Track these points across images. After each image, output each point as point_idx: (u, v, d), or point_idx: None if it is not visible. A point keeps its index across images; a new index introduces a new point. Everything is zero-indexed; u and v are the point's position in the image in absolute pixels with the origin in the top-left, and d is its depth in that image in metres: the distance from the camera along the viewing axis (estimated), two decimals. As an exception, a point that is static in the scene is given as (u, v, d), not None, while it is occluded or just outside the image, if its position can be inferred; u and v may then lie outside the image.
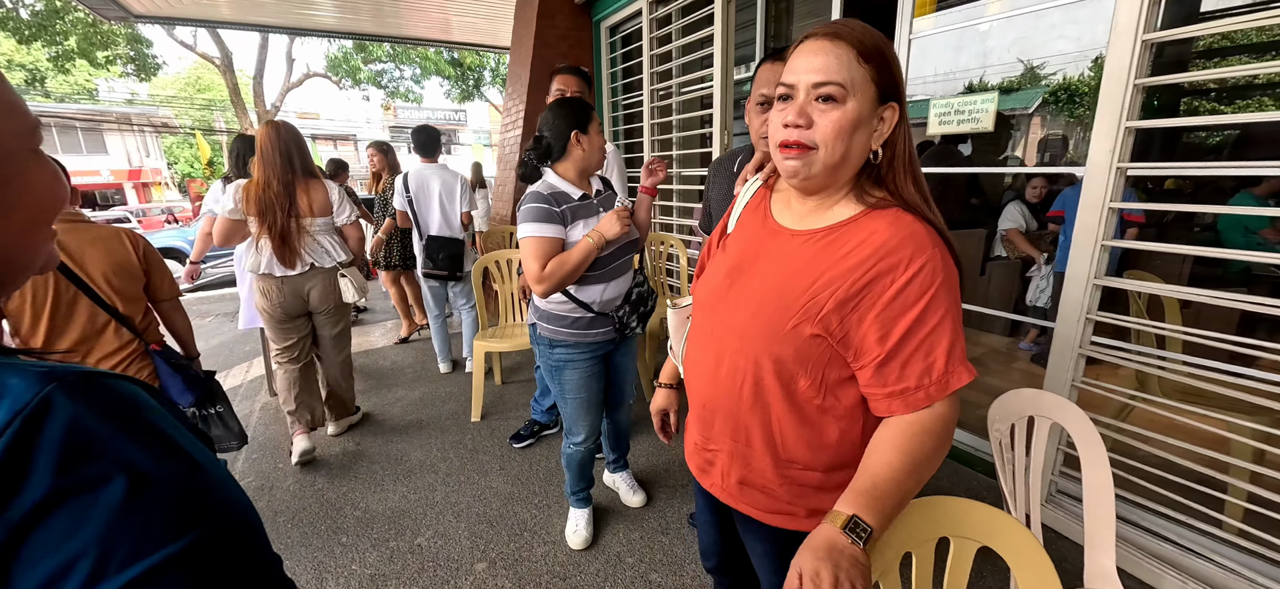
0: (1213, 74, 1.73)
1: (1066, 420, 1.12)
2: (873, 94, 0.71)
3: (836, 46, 0.70)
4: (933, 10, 2.46)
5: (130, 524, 0.31)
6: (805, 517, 0.85)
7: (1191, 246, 1.67)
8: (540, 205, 1.53)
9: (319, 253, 2.34)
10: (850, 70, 0.70)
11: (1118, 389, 1.77)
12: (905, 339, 0.71)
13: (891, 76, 0.72)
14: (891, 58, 0.72)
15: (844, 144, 0.72)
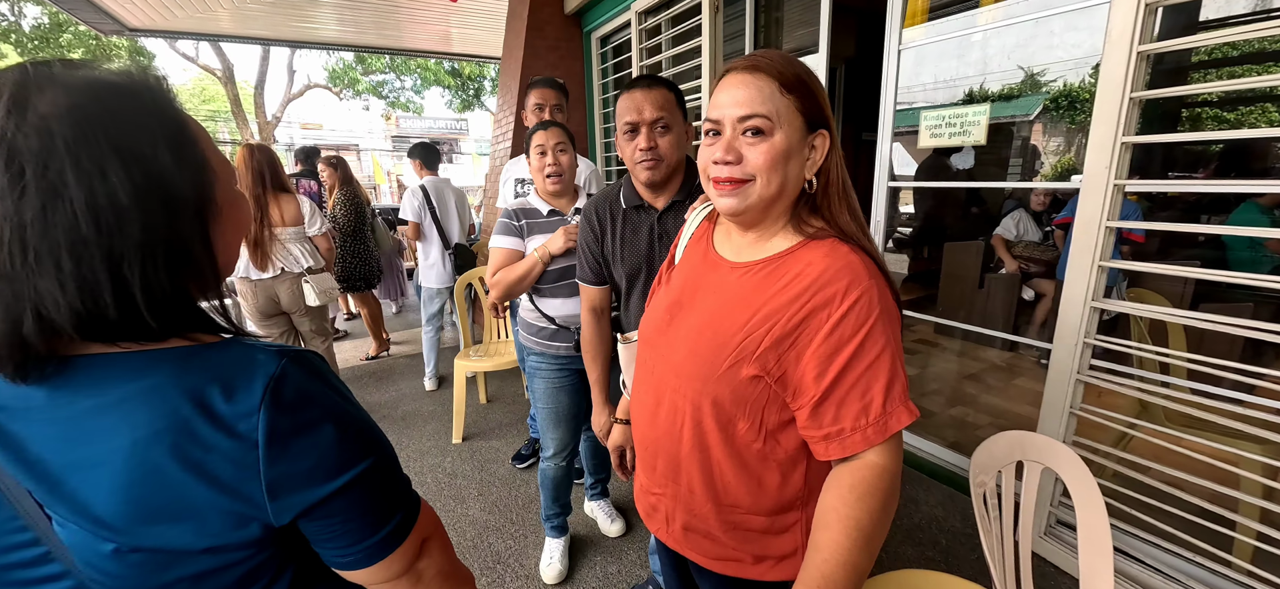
0: (1212, 87, 1.65)
1: (1058, 464, 1.03)
2: (800, 124, 0.70)
3: (757, 79, 0.68)
4: (924, 20, 2.39)
5: (340, 448, 0.50)
6: (752, 563, 0.81)
7: (1193, 268, 1.58)
8: (504, 219, 1.67)
9: (289, 259, 2.61)
10: (774, 102, 0.68)
11: (1118, 417, 1.68)
12: (841, 377, 0.67)
13: (816, 104, 0.71)
14: (814, 86, 0.71)
15: (779, 175, 0.70)
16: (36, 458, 0.44)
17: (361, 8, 6.36)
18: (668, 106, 1.18)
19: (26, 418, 0.44)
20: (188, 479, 0.44)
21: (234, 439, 0.45)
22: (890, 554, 1.96)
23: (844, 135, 6.39)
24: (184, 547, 0.46)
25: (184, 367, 0.46)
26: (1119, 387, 1.64)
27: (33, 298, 0.41)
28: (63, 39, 11.16)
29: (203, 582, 0.48)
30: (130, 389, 0.44)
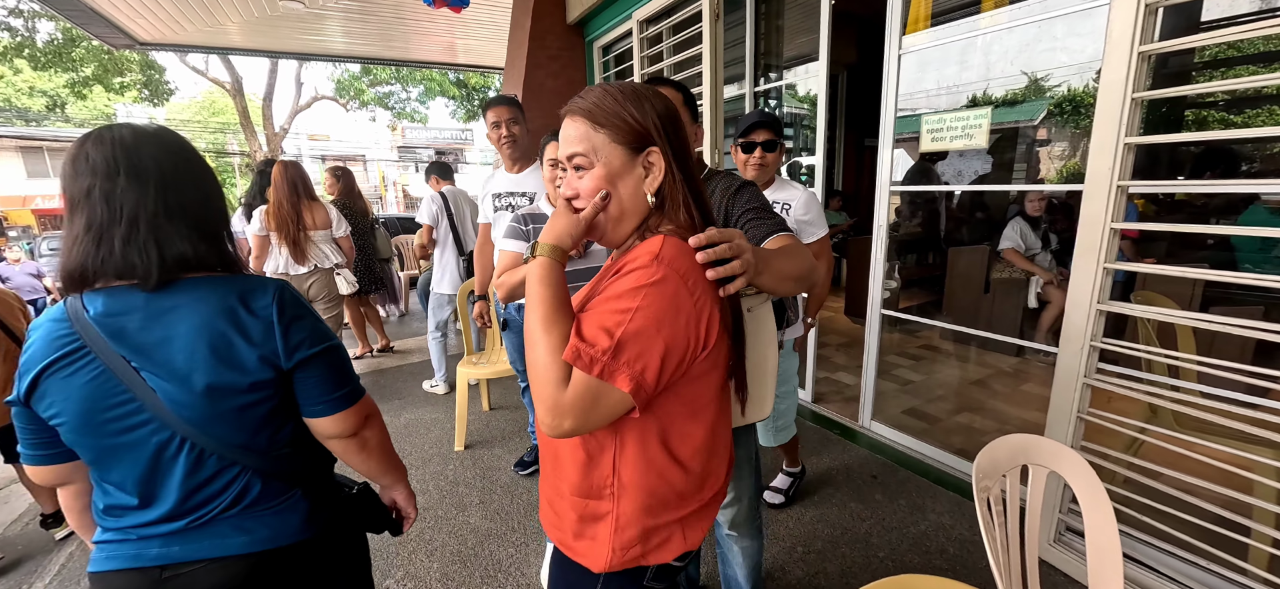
0: (1215, 86, 1.64)
1: (1064, 469, 1.01)
2: (622, 150, 0.76)
3: (572, 121, 0.77)
4: (927, 26, 2.39)
5: (316, 331, 0.85)
6: (572, 539, 0.82)
7: (1198, 269, 1.55)
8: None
9: (321, 256, 3.15)
10: (589, 138, 0.76)
11: (1126, 421, 1.65)
12: (595, 306, 0.71)
13: (636, 128, 0.75)
14: (630, 112, 0.75)
15: (622, 193, 0.78)
16: (137, 340, 0.75)
17: (368, 20, 6.44)
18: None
19: (129, 317, 0.75)
20: (237, 339, 0.78)
21: (259, 319, 0.80)
22: (896, 563, 1.93)
23: (846, 141, 6.39)
24: (233, 384, 0.77)
25: (227, 284, 0.80)
26: (1126, 390, 1.62)
27: (144, 248, 0.74)
28: (76, 53, 11.35)
29: (246, 413, 0.80)
30: (195, 295, 0.77)
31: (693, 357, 0.72)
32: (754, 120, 1.83)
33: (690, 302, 0.70)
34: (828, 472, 2.48)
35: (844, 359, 3.81)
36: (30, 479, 0.87)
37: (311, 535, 0.87)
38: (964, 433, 2.80)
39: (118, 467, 0.77)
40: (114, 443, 0.76)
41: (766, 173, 1.86)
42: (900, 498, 2.27)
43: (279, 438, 0.84)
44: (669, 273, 0.69)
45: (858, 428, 2.75)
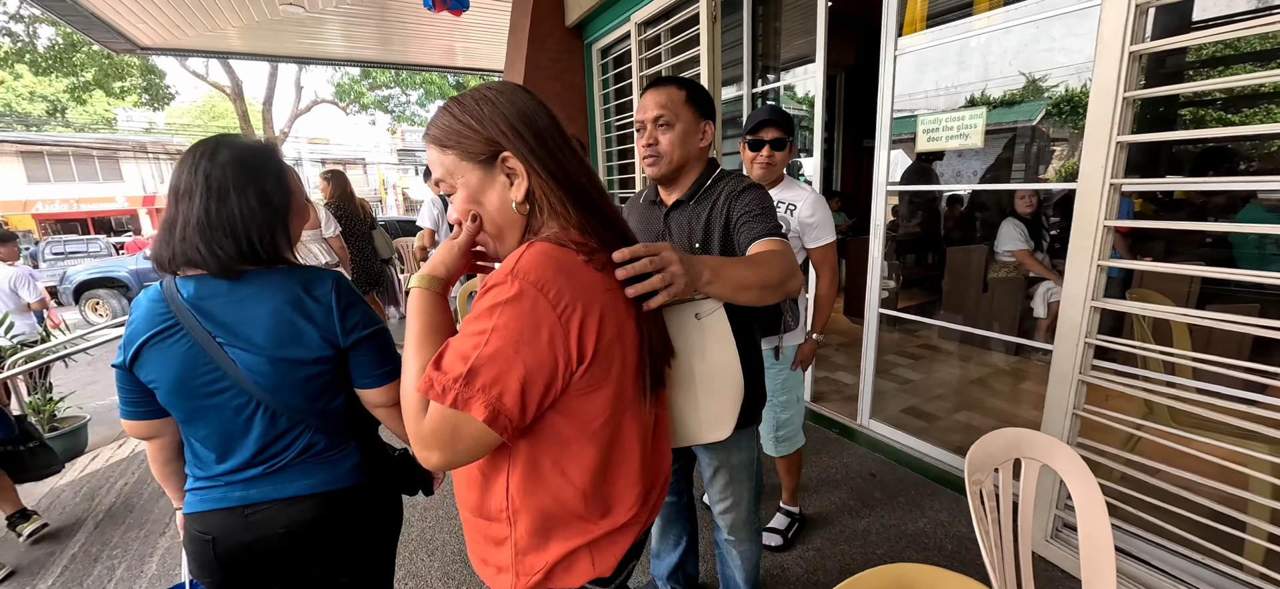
0: (1206, 85, 1.65)
1: (1057, 463, 1.02)
2: (473, 165, 0.73)
3: (433, 150, 0.76)
4: (923, 27, 2.40)
5: (368, 316, 0.99)
6: (480, 564, 0.81)
7: (1193, 266, 1.57)
8: None
9: (310, 255, 3.23)
10: (442, 162, 0.75)
11: (1121, 417, 1.66)
12: (461, 330, 0.67)
13: (480, 138, 0.72)
14: (469, 123, 0.72)
15: (488, 210, 0.75)
16: (222, 319, 0.91)
17: (368, 24, 6.47)
18: (671, 104, 1.19)
19: (214, 300, 0.91)
20: (302, 321, 0.93)
21: (321, 305, 0.95)
22: (894, 560, 1.94)
23: (845, 142, 6.41)
24: (300, 357, 0.93)
25: (290, 275, 0.95)
26: (1121, 387, 1.63)
27: (222, 244, 0.89)
28: (77, 58, 11.39)
29: (310, 383, 0.95)
30: (268, 283, 0.93)
31: (566, 376, 0.66)
32: (762, 117, 1.76)
33: (552, 316, 0.64)
34: (827, 470, 2.50)
35: (843, 358, 3.83)
36: (127, 432, 1.00)
37: (364, 480, 1.03)
38: (962, 431, 2.81)
39: (203, 425, 0.93)
40: (202, 405, 0.91)
41: (773, 171, 1.79)
42: (899, 496, 2.28)
43: (335, 403, 0.99)
44: (525, 287, 0.64)
45: (857, 426, 2.76)
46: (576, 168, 0.74)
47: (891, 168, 2.38)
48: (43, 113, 16.57)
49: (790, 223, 1.78)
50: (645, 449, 0.79)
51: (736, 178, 1.23)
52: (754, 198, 1.16)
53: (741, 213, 1.15)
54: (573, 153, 0.75)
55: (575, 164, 0.74)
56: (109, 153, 19.74)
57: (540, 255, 0.66)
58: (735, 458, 1.33)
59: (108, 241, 13.07)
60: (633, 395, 0.75)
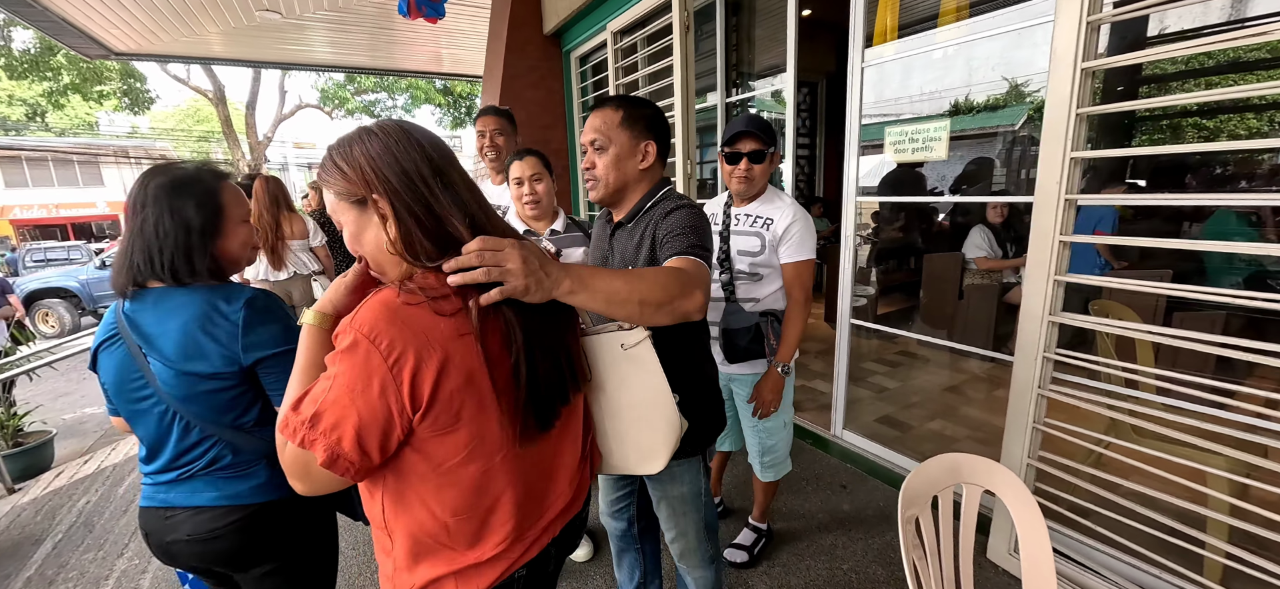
0: (1157, 102, 1.66)
1: (997, 486, 1.01)
2: (350, 206, 0.74)
3: (320, 188, 0.81)
4: (894, 38, 2.41)
5: (278, 337, 1.01)
6: (384, 580, 0.81)
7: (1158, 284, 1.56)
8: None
9: (299, 263, 3.39)
10: (329, 199, 0.76)
11: (1082, 431, 1.66)
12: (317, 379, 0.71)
13: (351, 184, 0.72)
14: (339, 165, 0.73)
15: (364, 251, 0.76)
16: (145, 331, 0.97)
17: (352, 30, 6.41)
18: (605, 127, 1.16)
19: (142, 314, 0.98)
20: (204, 337, 0.96)
21: (228, 322, 0.97)
22: (860, 575, 1.93)
23: (826, 149, 6.44)
24: (201, 371, 0.96)
25: (210, 293, 0.99)
26: (1078, 401, 1.63)
27: (139, 261, 0.97)
28: (54, 62, 11.21)
29: (214, 396, 0.98)
30: (185, 300, 0.98)
31: (403, 423, 0.67)
32: (739, 128, 1.66)
33: (383, 367, 0.65)
34: (797, 482, 2.48)
35: (821, 366, 3.83)
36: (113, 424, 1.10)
37: (273, 499, 1.04)
38: (935, 441, 2.82)
39: (139, 426, 1.02)
40: (134, 408, 1.01)
41: (753, 185, 1.69)
42: (868, 508, 2.27)
43: (245, 419, 1.02)
44: (358, 338, 0.65)
45: (830, 437, 2.75)
46: (450, 209, 0.72)
47: (871, 174, 2.37)
48: (21, 117, 16.29)
49: (765, 238, 1.69)
50: (525, 486, 0.79)
51: (671, 199, 1.19)
52: (679, 218, 1.11)
53: (665, 232, 1.10)
54: (452, 194, 0.73)
55: (450, 206, 0.72)
56: (89, 157, 19.44)
57: (376, 307, 0.67)
58: (674, 490, 1.27)
59: (89, 247, 12.85)
60: (501, 437, 0.74)
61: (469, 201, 0.74)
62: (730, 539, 2.04)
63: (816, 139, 6.30)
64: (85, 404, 5.21)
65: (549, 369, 0.78)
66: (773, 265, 1.70)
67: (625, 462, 0.94)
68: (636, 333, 0.91)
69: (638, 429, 0.92)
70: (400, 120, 0.77)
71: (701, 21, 3.15)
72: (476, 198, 0.76)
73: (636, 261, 1.17)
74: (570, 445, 0.88)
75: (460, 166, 0.77)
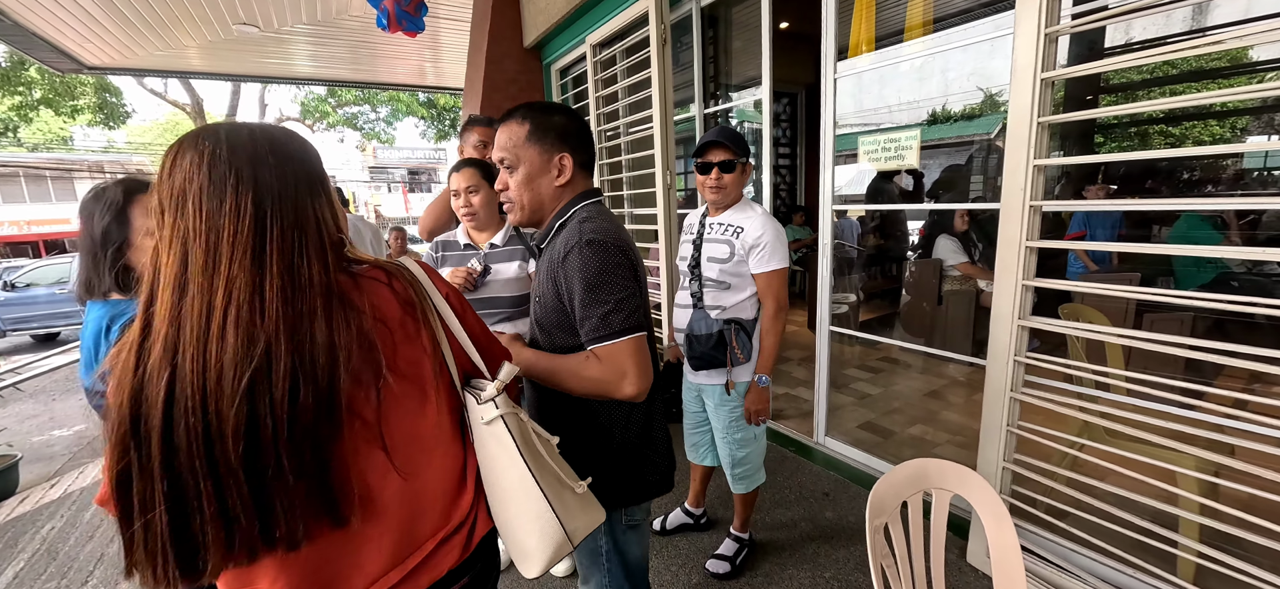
0: (1118, 110, 1.70)
1: (967, 491, 1.02)
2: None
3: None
4: (871, 49, 2.46)
5: None
6: None
7: (1123, 287, 1.60)
8: (428, 249, 1.82)
9: None
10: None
11: (1054, 433, 1.69)
12: None
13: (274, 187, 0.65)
14: (284, 160, 0.66)
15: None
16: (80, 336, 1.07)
17: (333, 43, 6.38)
18: (512, 142, 1.03)
19: (82, 326, 1.07)
20: (93, 349, 1.03)
21: (109, 341, 1.01)
22: (842, 583, 1.92)
23: (807, 158, 6.52)
24: (91, 387, 1.00)
25: (114, 306, 1.05)
26: (1050, 404, 1.66)
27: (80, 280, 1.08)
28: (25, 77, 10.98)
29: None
30: (95, 312, 1.04)
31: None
32: (709, 138, 1.68)
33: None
34: (780, 491, 2.48)
35: (803, 374, 3.84)
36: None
37: None
38: (916, 445, 2.84)
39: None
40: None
41: (726, 194, 1.71)
42: (850, 516, 2.27)
43: None
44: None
45: (813, 444, 2.76)
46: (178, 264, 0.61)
47: (850, 182, 2.40)
48: (-8, 132, 15.90)
49: (735, 246, 1.70)
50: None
51: (575, 226, 1.01)
52: (578, 273, 0.94)
53: (569, 290, 0.97)
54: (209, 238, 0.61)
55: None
56: (63, 173, 19.00)
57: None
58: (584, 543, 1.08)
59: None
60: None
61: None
62: (712, 550, 2.03)
63: (797, 149, 6.39)
64: (53, 426, 5.05)
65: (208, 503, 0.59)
66: (742, 274, 1.71)
67: (507, 545, 0.81)
68: (488, 408, 0.77)
69: (510, 520, 0.79)
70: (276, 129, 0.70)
71: (679, 34, 3.18)
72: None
73: (540, 297, 1.05)
74: (397, 525, 0.72)
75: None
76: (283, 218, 0.64)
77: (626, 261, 0.98)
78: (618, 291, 0.94)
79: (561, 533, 0.78)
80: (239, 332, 0.60)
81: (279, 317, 0.61)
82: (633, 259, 1.01)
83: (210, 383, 0.59)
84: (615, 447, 1.06)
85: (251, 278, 0.61)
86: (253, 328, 0.60)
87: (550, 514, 0.77)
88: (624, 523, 1.10)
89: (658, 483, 1.11)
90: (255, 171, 0.63)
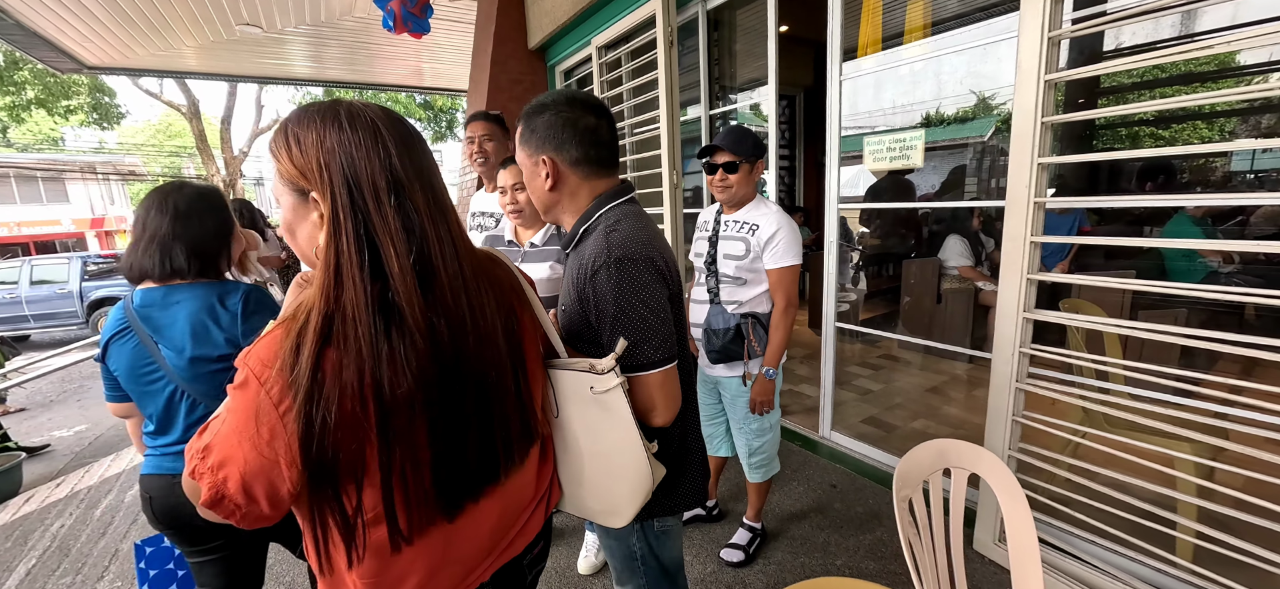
0: (1119, 110, 1.78)
1: (983, 470, 1.07)
2: (288, 189, 0.67)
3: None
4: (878, 50, 2.52)
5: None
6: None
7: (1122, 280, 1.66)
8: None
9: (258, 271, 3.54)
10: (275, 172, 0.68)
11: (1056, 422, 1.75)
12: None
13: (293, 163, 0.63)
14: (286, 156, 0.64)
15: (298, 244, 0.71)
16: (156, 322, 1.13)
17: (332, 44, 6.39)
18: (517, 146, 1.02)
19: (152, 307, 1.14)
20: (211, 325, 1.14)
21: (229, 312, 1.15)
22: (853, 569, 1.98)
23: (806, 159, 6.60)
24: (206, 356, 1.13)
25: (209, 287, 1.17)
26: (1053, 393, 1.72)
27: (156, 257, 1.14)
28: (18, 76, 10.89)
29: (216, 376, 1.14)
30: (191, 293, 1.15)
31: (293, 477, 0.59)
32: (713, 142, 1.77)
33: (273, 412, 0.58)
34: (789, 483, 2.53)
35: (806, 371, 3.90)
36: (110, 412, 1.25)
37: None
38: (919, 438, 2.86)
39: (149, 405, 1.17)
40: (145, 390, 1.15)
41: (732, 193, 1.77)
42: (858, 506, 2.33)
43: None
44: (249, 375, 0.59)
45: (818, 438, 2.81)
46: (394, 233, 0.61)
47: (854, 183, 2.46)
48: (-18, 133, 15.74)
49: (750, 243, 1.75)
50: (439, 556, 0.71)
51: (602, 237, 0.93)
52: (605, 287, 0.89)
53: (600, 312, 0.91)
54: (404, 216, 0.63)
55: (396, 229, 0.62)
56: (54, 174, 18.81)
57: (277, 339, 0.60)
58: (609, 540, 1.10)
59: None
60: (417, 499, 0.66)
61: (424, 228, 0.64)
62: (726, 540, 2.08)
63: (796, 150, 6.46)
64: (52, 427, 5.02)
65: (473, 446, 0.69)
66: (757, 271, 1.76)
67: (583, 508, 0.88)
68: (608, 377, 0.80)
69: (601, 479, 0.85)
70: (384, 108, 0.66)
71: (684, 36, 3.23)
72: (440, 226, 0.66)
73: (567, 304, 1.00)
74: (511, 499, 0.79)
75: (434, 183, 0.67)
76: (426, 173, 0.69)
77: (659, 278, 0.92)
78: (649, 318, 0.89)
79: (651, 481, 0.86)
80: (480, 276, 0.71)
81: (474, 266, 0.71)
82: (665, 269, 0.96)
83: (484, 326, 0.69)
84: (680, 446, 1.04)
85: (454, 228, 0.69)
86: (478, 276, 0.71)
87: (647, 464, 0.84)
88: (657, 528, 1.09)
89: (691, 494, 1.08)
90: (382, 133, 0.65)
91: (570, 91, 1.01)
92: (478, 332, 0.67)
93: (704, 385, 1.98)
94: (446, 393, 0.65)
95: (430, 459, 0.65)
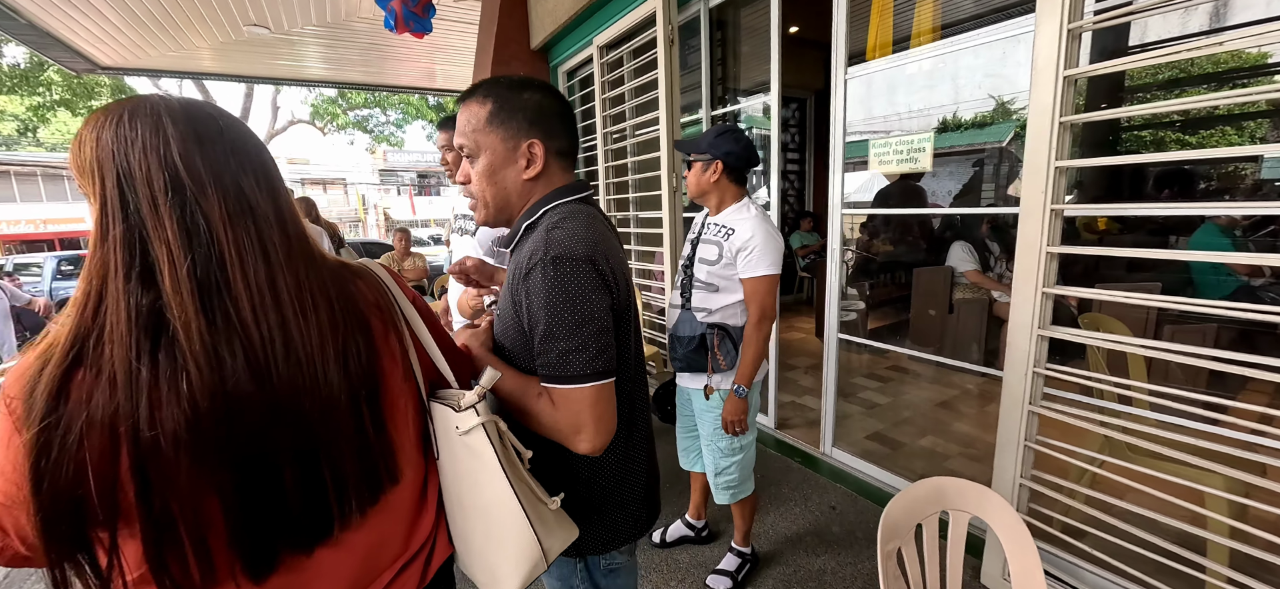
0: (1143, 108, 1.63)
1: (987, 513, 0.95)
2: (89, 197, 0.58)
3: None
4: (889, 52, 2.40)
5: None
6: None
7: (1145, 295, 1.52)
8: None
9: None
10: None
11: (1073, 449, 1.61)
12: None
13: (77, 166, 0.56)
14: (78, 141, 0.56)
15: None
16: None
17: (343, 45, 6.42)
18: (472, 127, 0.85)
19: None
20: None
21: None
22: (849, 601, 1.85)
23: (816, 163, 6.46)
24: None
25: None
26: (1069, 417, 1.58)
27: None
28: (44, 77, 11.17)
29: None
30: None
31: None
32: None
33: (17, 439, 0.50)
34: (785, 502, 2.41)
35: (810, 382, 3.77)
36: None
37: None
38: (926, 458, 2.75)
39: None
40: None
41: (699, 193, 1.67)
42: (857, 530, 2.20)
43: None
44: (1, 395, 0.52)
45: (819, 455, 2.68)
46: (168, 240, 0.52)
47: (860, 189, 2.34)
48: (13, 133, 16.20)
49: (723, 248, 1.62)
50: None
51: (542, 235, 0.82)
52: (538, 286, 0.78)
53: (531, 315, 0.80)
54: (183, 222, 0.53)
55: (172, 237, 0.53)
56: (80, 173, 19.33)
57: (26, 361, 0.52)
58: (549, 579, 0.98)
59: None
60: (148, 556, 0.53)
61: (217, 234, 0.54)
62: (714, 564, 1.96)
63: (805, 154, 6.32)
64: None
65: (293, 491, 0.57)
66: (730, 278, 1.63)
67: (471, 570, 0.75)
68: (468, 415, 0.68)
69: (480, 541, 0.72)
70: (189, 102, 0.58)
71: (686, 37, 3.14)
72: (242, 233, 0.56)
73: (505, 308, 0.88)
74: (369, 554, 0.66)
75: (242, 184, 0.57)
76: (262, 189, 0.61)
77: (600, 283, 0.79)
78: (583, 325, 0.77)
79: (539, 551, 0.71)
80: (315, 292, 0.61)
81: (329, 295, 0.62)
82: (609, 274, 0.82)
83: (305, 350, 0.58)
84: (580, 485, 0.89)
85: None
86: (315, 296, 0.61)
87: (529, 532, 0.70)
88: (603, 566, 0.95)
89: (629, 528, 0.95)
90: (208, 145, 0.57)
91: (528, 76, 0.91)
92: (292, 357, 0.56)
93: (681, 395, 1.90)
94: (245, 428, 0.54)
95: (226, 507, 0.54)
